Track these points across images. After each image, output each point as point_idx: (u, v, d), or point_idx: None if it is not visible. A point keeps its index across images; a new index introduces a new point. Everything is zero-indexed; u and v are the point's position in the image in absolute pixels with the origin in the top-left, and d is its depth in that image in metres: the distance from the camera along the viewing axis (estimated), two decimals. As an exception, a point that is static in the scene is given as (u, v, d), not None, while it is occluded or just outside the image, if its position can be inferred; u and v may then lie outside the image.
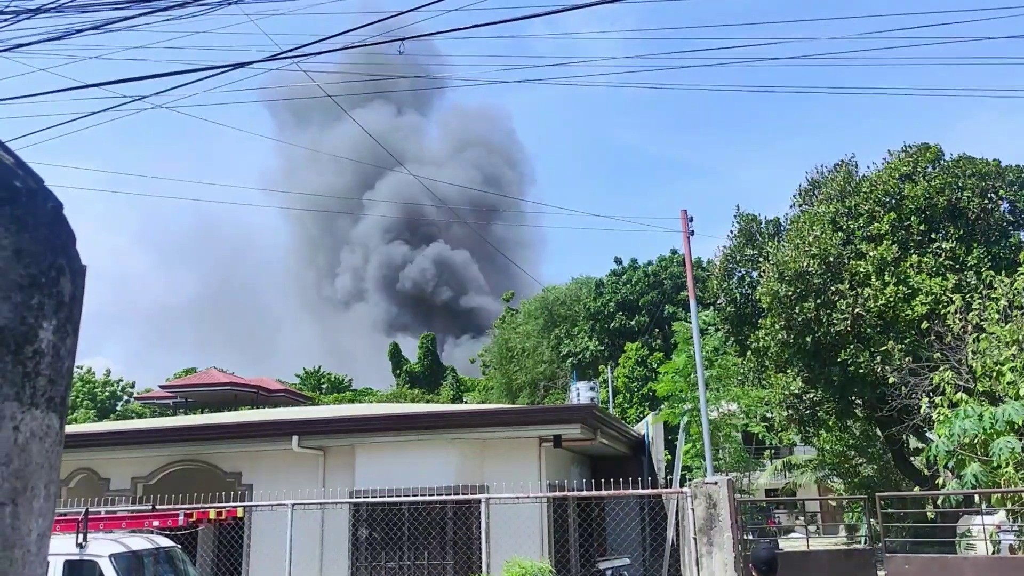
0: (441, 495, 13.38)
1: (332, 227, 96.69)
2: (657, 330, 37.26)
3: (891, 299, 20.39)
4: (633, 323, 37.95)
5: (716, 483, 11.50)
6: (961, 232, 21.72)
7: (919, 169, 22.76)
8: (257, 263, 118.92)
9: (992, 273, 19.52)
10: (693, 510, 11.47)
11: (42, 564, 1.37)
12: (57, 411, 1.37)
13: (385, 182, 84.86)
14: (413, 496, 13.42)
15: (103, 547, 10.31)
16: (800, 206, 26.79)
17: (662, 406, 23.65)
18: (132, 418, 48.77)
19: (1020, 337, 15.88)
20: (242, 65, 8.17)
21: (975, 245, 21.10)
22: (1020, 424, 12.58)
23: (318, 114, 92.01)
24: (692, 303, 16.10)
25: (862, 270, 21.32)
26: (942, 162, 22.84)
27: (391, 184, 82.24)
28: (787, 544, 25.11)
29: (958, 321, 17.88)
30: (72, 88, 8.41)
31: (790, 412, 25.61)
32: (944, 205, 21.56)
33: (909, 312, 19.95)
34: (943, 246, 21.32)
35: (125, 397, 59.87)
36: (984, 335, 16.68)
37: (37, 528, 1.32)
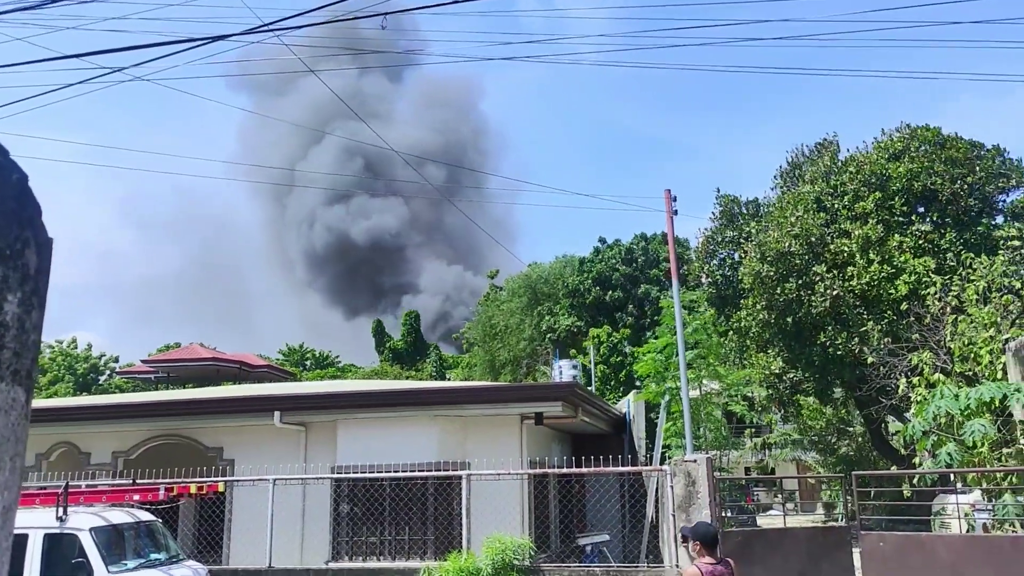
0: (423, 471, 13.45)
1: (295, 201, 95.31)
2: (631, 307, 37.56)
3: (875, 278, 20.53)
4: (607, 297, 38.38)
5: (695, 461, 11.61)
6: (936, 216, 21.91)
7: (911, 148, 22.83)
8: (240, 238, 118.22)
9: (971, 255, 19.70)
10: (672, 487, 11.58)
11: (7, 538, 1.36)
12: (23, 384, 1.36)
13: (333, 147, 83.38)
14: (395, 472, 13.47)
15: (83, 520, 10.31)
16: (781, 187, 26.88)
17: (640, 384, 23.79)
18: (114, 393, 48.58)
19: (997, 319, 16.06)
20: (222, 38, 8.07)
21: (948, 229, 21.29)
22: (995, 405, 12.74)
23: (293, 87, 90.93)
24: (675, 283, 16.16)
25: (846, 249, 21.44)
26: (926, 144, 22.90)
27: (340, 148, 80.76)
28: (765, 521, 25.43)
29: (937, 302, 18.05)
30: (49, 59, 8.28)
31: (770, 391, 25.84)
32: (920, 189, 21.72)
33: (893, 291, 20.11)
34: (921, 228, 21.48)
35: (107, 372, 59.56)
36: (962, 316, 16.85)
37: (2, 501, 1.32)
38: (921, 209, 22.50)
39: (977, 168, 21.88)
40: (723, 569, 6.36)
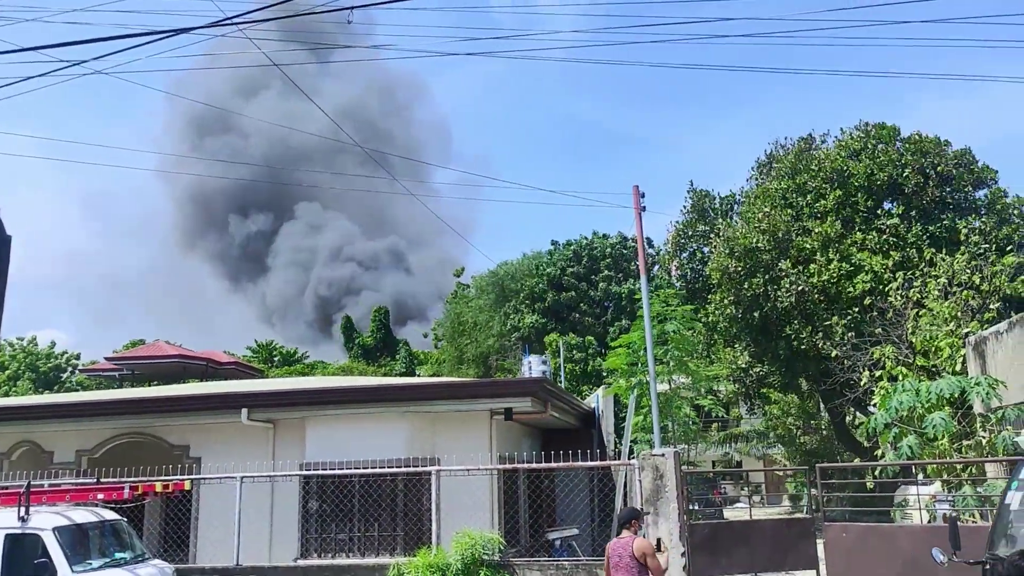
0: (392, 468, 13.41)
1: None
2: (584, 306, 37.91)
3: (834, 275, 20.83)
4: (560, 298, 38.79)
5: (663, 455, 11.71)
6: (902, 209, 22.25)
7: (868, 147, 23.18)
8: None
9: (933, 251, 20.05)
10: (640, 481, 11.67)
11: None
12: (-18, 381, 1.35)
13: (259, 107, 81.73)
14: (364, 468, 13.43)
15: (46, 520, 10.16)
16: (757, 179, 27.13)
17: (609, 379, 23.90)
18: (77, 391, 47.80)
19: (958, 313, 16.37)
20: (185, 31, 7.97)
21: (914, 223, 21.64)
22: (955, 398, 13.00)
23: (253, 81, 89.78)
24: (643, 279, 16.26)
25: (808, 246, 21.73)
26: (897, 142, 23.25)
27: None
28: (732, 514, 25.73)
29: (899, 297, 18.36)
30: (7, 52, 8.13)
31: (737, 385, 26.11)
32: (886, 181, 22.03)
33: (851, 289, 20.42)
34: (887, 222, 21.80)
35: (70, 370, 58.56)
36: (923, 311, 17.16)
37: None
38: (888, 205, 22.87)
39: (948, 157, 22.23)
40: (615, 542, 7.99)
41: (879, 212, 22.39)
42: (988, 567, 6.66)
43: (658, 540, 7.99)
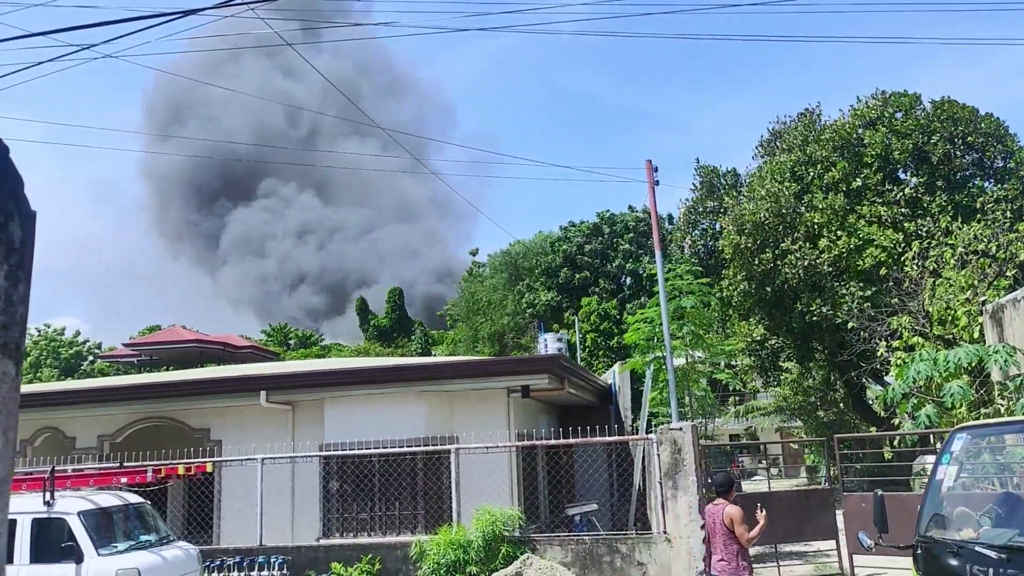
0: (411, 447, 13.50)
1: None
2: (602, 282, 37.78)
3: (843, 250, 20.70)
4: (577, 278, 38.62)
5: (681, 429, 11.72)
6: (925, 177, 21.97)
7: (886, 115, 22.88)
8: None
9: (950, 220, 19.87)
10: (659, 456, 11.70)
11: (3, 509, 1.38)
12: (12, 357, 1.37)
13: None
14: (383, 448, 13.52)
15: (71, 504, 10.30)
16: (762, 157, 26.96)
17: (631, 355, 23.89)
18: (97, 377, 48.25)
19: (975, 282, 16.24)
20: (193, 12, 7.94)
21: (938, 192, 21.39)
22: (971, 367, 12.93)
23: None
24: (658, 254, 16.20)
25: (816, 221, 21.57)
26: (919, 109, 22.90)
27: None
28: (750, 487, 25.74)
29: (915, 267, 18.22)
30: (16, 37, 8.14)
31: (753, 358, 26.06)
32: (910, 149, 21.75)
33: (860, 263, 20.28)
34: (905, 191, 21.57)
35: (90, 357, 59.13)
36: (940, 280, 17.03)
37: (-3, 473, 1.33)
38: (902, 175, 22.62)
39: (980, 126, 21.93)
40: (711, 507, 8.10)
41: (893, 182, 22.16)
42: (919, 551, 5.92)
43: (757, 505, 8.08)
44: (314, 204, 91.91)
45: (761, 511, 8.05)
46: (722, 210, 25.25)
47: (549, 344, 25.42)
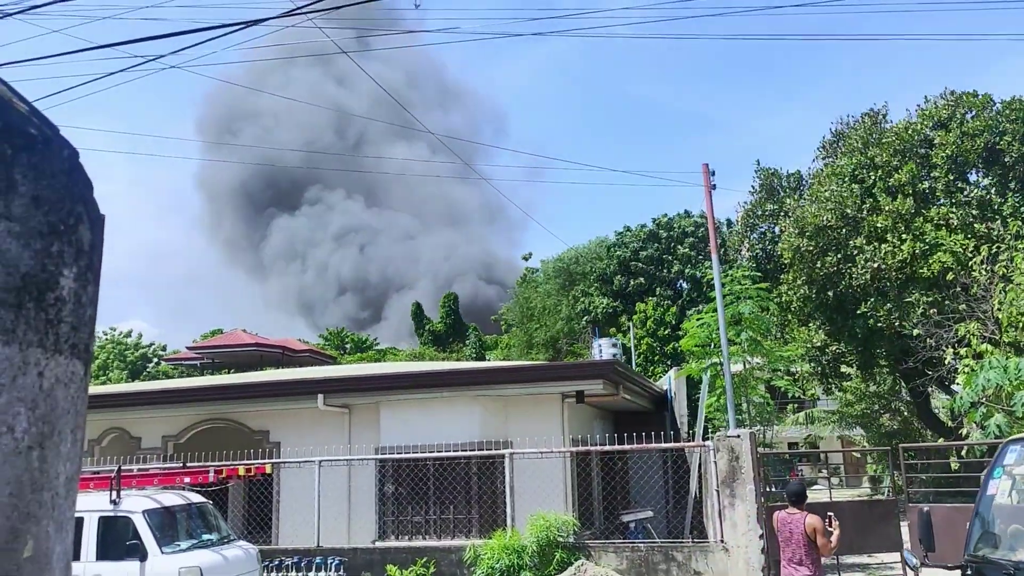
0: (465, 451, 13.54)
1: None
2: (659, 289, 37.26)
3: (908, 255, 20.14)
4: (632, 285, 38.10)
5: (738, 436, 11.53)
6: (996, 179, 21.27)
7: (957, 116, 22.20)
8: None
9: (1022, 223, 19.21)
10: (716, 463, 11.53)
11: (71, 507, 1.40)
12: (81, 358, 1.39)
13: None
14: (438, 452, 13.59)
15: (136, 503, 10.57)
16: (824, 159, 26.44)
17: (685, 362, 23.63)
18: (161, 379, 49.56)
19: (1048, 287, 15.66)
20: (257, 22, 8.11)
21: (1010, 193, 20.69)
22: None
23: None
24: (715, 259, 15.99)
25: (879, 224, 21.05)
26: (990, 109, 22.16)
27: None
28: (810, 496, 25.17)
29: (985, 272, 17.66)
30: (85, 49, 8.41)
31: (813, 364, 25.54)
32: (980, 149, 21.05)
33: (926, 269, 19.72)
34: (974, 193, 20.91)
35: (155, 359, 60.76)
36: (1011, 286, 16.47)
37: (65, 472, 1.35)
38: (972, 177, 21.94)
39: None
40: (785, 516, 7.87)
41: (961, 185, 21.50)
42: (969, 572, 5.56)
43: (829, 516, 7.94)
44: (357, 209, 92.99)
45: (835, 521, 7.91)
46: (782, 213, 24.82)
47: (604, 349, 25.28)
